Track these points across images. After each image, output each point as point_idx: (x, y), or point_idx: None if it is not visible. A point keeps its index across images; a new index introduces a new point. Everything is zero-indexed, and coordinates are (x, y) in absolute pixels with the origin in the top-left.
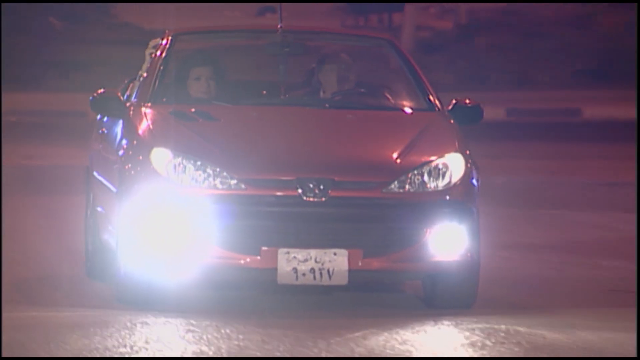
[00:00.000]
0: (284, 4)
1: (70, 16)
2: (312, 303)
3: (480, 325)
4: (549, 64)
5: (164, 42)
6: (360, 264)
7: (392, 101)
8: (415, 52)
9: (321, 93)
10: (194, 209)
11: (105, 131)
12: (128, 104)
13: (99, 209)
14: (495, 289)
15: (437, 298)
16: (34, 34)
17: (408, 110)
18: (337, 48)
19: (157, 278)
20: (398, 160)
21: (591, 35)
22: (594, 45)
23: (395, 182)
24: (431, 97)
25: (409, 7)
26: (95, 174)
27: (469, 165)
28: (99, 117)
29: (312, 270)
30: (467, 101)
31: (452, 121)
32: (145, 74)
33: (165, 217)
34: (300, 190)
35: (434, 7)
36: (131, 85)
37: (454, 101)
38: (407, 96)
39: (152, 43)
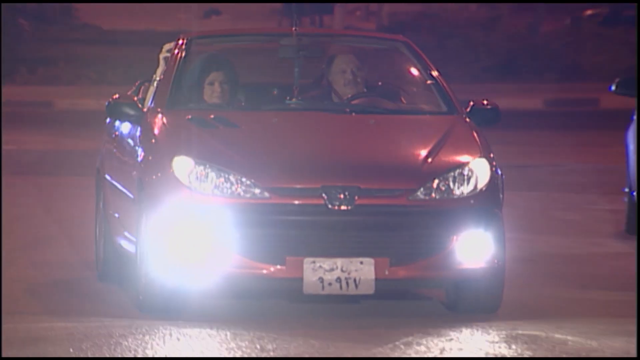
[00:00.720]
0: (225, 5)
1: (38, 17)
2: (338, 311)
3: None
4: (461, 61)
5: (180, 46)
6: (386, 272)
7: (411, 104)
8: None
9: (332, 95)
10: (217, 218)
11: (119, 135)
12: (145, 110)
13: (115, 214)
14: None
15: (462, 303)
16: (5, 34)
17: (429, 113)
18: (350, 50)
19: (181, 287)
20: (423, 167)
21: (497, 36)
22: (500, 44)
23: (422, 189)
24: (451, 100)
25: (337, 10)
26: (107, 177)
27: (493, 169)
28: (108, 120)
29: (339, 279)
30: (485, 102)
31: (471, 124)
32: (161, 79)
33: (189, 227)
34: (325, 199)
35: (360, 10)
36: (142, 87)
37: (471, 103)
38: (426, 99)
39: (166, 47)
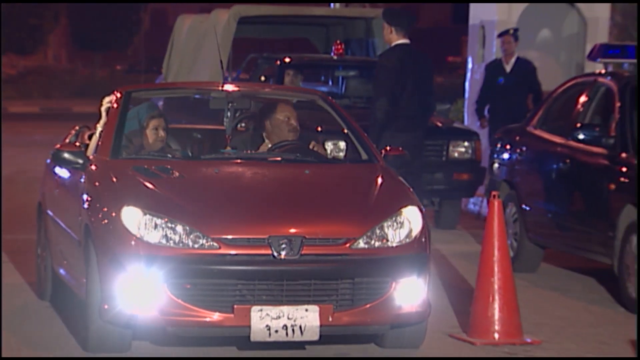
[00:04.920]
0: None
1: None
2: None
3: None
4: None
5: (118, 99)
6: (330, 319)
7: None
8: None
9: (265, 140)
10: (166, 269)
11: (61, 179)
12: (91, 158)
13: (57, 247)
14: None
15: (390, 340)
16: None
17: (352, 162)
18: (285, 100)
19: (129, 336)
20: (363, 215)
21: None
22: None
23: (363, 237)
24: (370, 148)
25: None
26: (49, 213)
27: (424, 216)
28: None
29: (285, 327)
30: (388, 148)
31: (394, 171)
32: (103, 129)
33: (138, 277)
34: (272, 248)
35: None
36: (81, 133)
37: (383, 151)
38: (347, 148)
39: (106, 99)
